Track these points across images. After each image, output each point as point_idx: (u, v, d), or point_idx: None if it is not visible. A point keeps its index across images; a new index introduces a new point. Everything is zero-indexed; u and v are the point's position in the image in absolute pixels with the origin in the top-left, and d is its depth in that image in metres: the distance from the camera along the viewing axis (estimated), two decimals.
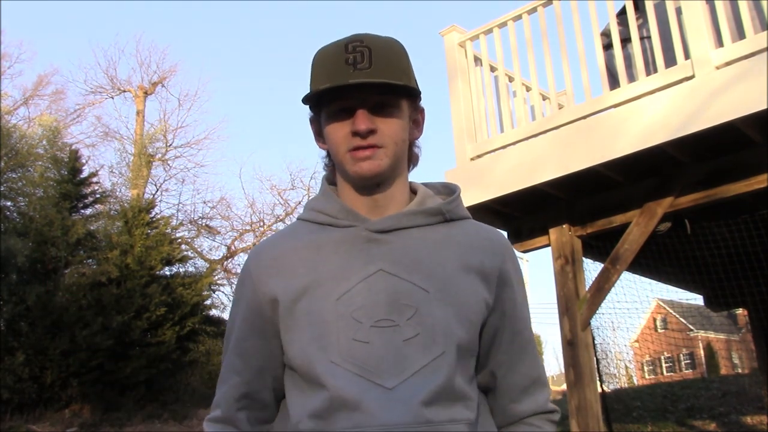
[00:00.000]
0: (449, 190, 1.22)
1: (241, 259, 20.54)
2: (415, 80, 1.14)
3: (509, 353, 1.16)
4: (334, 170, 1.19)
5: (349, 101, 1.07)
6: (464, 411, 1.07)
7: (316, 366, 1.04)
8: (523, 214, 4.86)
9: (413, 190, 1.19)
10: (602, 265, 4.50)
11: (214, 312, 15.47)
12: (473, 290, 1.10)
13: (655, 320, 32.17)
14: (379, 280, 1.06)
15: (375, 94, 1.07)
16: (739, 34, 3.81)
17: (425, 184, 1.22)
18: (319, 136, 1.17)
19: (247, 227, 21.85)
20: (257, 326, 1.13)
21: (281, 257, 1.12)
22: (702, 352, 30.07)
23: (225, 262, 20.38)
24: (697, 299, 6.72)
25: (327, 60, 1.08)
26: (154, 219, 14.91)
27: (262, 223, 21.71)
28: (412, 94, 1.11)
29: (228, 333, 1.19)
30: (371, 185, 1.11)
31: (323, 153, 1.20)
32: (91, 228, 13.04)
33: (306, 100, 1.10)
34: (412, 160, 1.19)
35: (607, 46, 4.47)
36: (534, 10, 4.50)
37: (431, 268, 1.09)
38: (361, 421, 0.99)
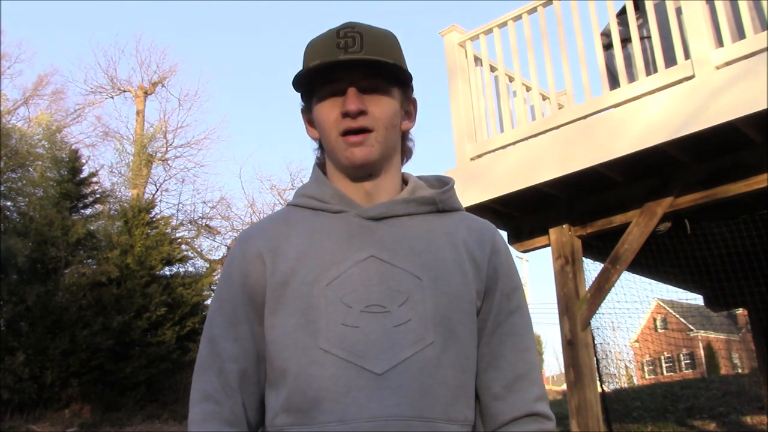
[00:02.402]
0: (442, 183, 1.20)
1: None
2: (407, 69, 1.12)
3: (491, 345, 1.09)
4: (325, 161, 1.17)
5: (340, 84, 1.06)
6: (464, 410, 1.03)
7: (303, 353, 1.00)
8: (523, 214, 4.85)
9: (405, 181, 1.17)
10: (602, 265, 4.50)
11: None
12: (465, 280, 1.07)
13: (655, 320, 32.17)
14: (370, 266, 1.04)
15: (365, 78, 1.06)
16: (739, 34, 3.81)
17: (419, 177, 1.20)
18: (311, 125, 1.16)
19: (247, 227, 21.82)
20: (249, 311, 1.08)
21: (272, 240, 1.09)
22: (702, 352, 30.05)
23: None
24: (697, 299, 6.72)
25: (318, 45, 1.08)
26: (154, 219, 14.90)
27: None
28: (401, 76, 1.09)
29: (212, 319, 1.10)
30: (363, 174, 1.10)
31: (315, 144, 1.19)
32: (91, 228, 13.02)
33: (296, 82, 1.09)
34: (406, 152, 1.17)
35: (607, 46, 4.47)
36: (534, 10, 4.49)
37: (423, 256, 1.06)
38: (347, 413, 0.95)
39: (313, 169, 1.18)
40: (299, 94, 1.15)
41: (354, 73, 1.05)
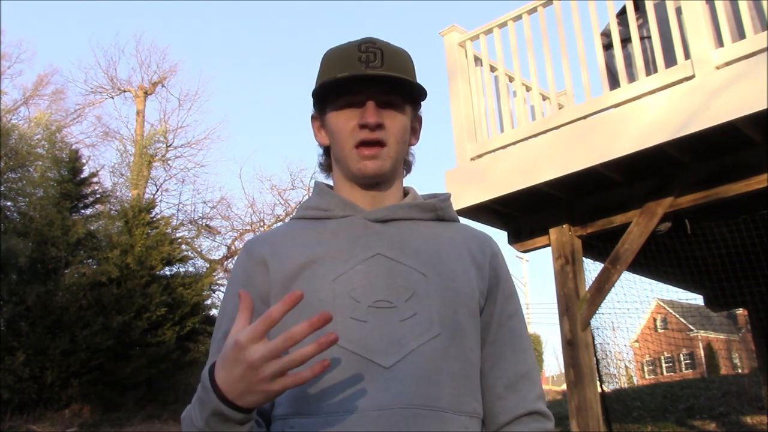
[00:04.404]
0: (440, 196, 1.24)
1: None
2: None
3: (495, 345, 1.13)
4: (329, 168, 1.21)
5: (359, 96, 1.10)
6: (472, 402, 1.05)
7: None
8: (523, 214, 4.86)
9: (405, 193, 1.22)
10: (602, 265, 4.50)
11: (214, 312, 15.46)
12: (468, 278, 1.11)
13: (655, 320, 32.16)
14: (377, 263, 1.07)
15: (384, 93, 1.10)
16: (739, 34, 3.81)
17: None
18: (320, 132, 1.19)
19: (247, 227, 21.85)
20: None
21: (277, 244, 1.12)
22: (702, 352, 30.04)
23: (225, 262, 20.36)
24: (697, 299, 6.73)
25: (339, 56, 1.11)
26: (155, 219, 14.89)
27: (262, 223, 21.72)
28: (419, 95, 1.15)
29: (219, 320, 1.13)
30: (371, 183, 1.14)
31: (320, 151, 1.22)
32: (92, 228, 13.02)
33: (317, 90, 1.12)
34: (406, 166, 1.22)
35: (607, 46, 4.48)
36: (534, 10, 4.50)
37: (428, 254, 1.10)
38: (354, 404, 0.97)
39: (315, 185, 1.22)
40: (313, 101, 1.18)
41: (373, 88, 1.09)
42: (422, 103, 1.20)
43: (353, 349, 1.00)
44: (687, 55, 3.84)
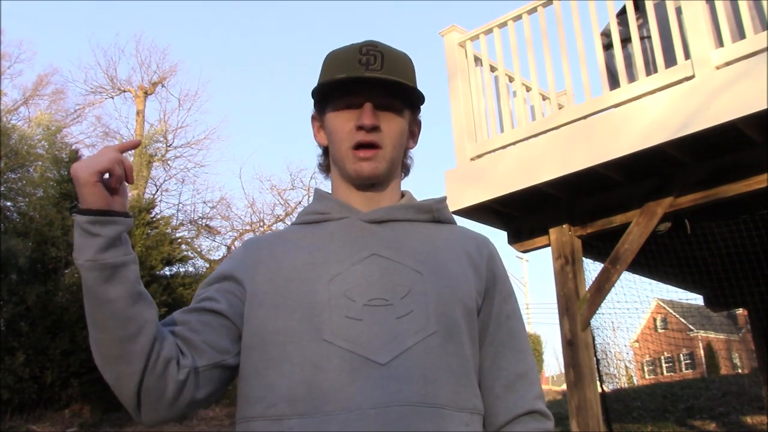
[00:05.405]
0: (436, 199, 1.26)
1: None
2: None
3: (494, 345, 1.13)
4: (328, 168, 1.22)
5: (357, 98, 1.11)
6: (472, 398, 1.05)
7: (308, 345, 1.01)
8: (523, 214, 4.86)
9: (402, 195, 1.23)
10: (602, 265, 4.50)
11: None
12: (465, 277, 1.11)
13: (655, 320, 32.16)
14: (372, 263, 1.07)
15: (382, 96, 1.11)
16: (739, 34, 3.81)
17: None
18: (319, 133, 1.21)
19: (247, 227, 21.82)
20: (229, 291, 1.10)
21: (276, 245, 1.14)
22: (702, 352, 30.04)
23: None
24: (697, 299, 6.72)
25: (340, 58, 1.13)
26: (155, 219, 14.90)
27: (262, 223, 21.69)
28: (418, 99, 1.16)
29: (209, 280, 1.15)
30: (367, 184, 1.15)
31: (320, 151, 1.24)
32: None
33: (316, 90, 1.14)
34: (404, 169, 1.23)
35: (607, 46, 4.48)
36: (534, 10, 4.50)
37: (424, 254, 1.11)
38: (352, 402, 0.96)
39: (315, 192, 1.24)
40: (313, 101, 1.19)
41: (372, 90, 1.11)
42: (421, 107, 1.20)
43: (348, 347, 1.00)
44: (687, 55, 3.84)
